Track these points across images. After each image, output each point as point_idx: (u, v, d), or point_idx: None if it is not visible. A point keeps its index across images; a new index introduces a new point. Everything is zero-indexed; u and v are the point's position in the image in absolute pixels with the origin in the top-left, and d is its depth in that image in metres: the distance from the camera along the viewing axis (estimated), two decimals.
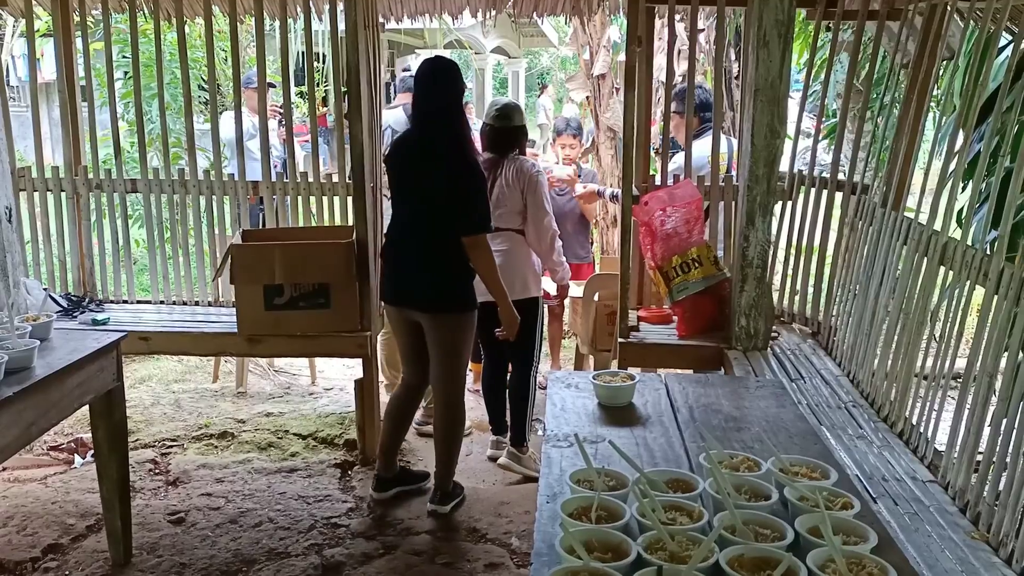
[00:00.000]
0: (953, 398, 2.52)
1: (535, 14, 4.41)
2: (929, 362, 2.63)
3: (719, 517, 1.50)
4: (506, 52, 17.91)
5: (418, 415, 4.29)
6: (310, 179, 4.07)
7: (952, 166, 2.76)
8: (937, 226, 2.73)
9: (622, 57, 6.38)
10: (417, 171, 3.13)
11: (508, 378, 3.90)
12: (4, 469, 3.66)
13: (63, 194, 4.18)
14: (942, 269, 2.66)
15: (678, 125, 4.07)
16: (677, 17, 3.93)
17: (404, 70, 4.18)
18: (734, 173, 3.80)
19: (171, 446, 4.00)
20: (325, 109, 8.60)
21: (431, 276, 3.14)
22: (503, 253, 3.53)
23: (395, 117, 4.80)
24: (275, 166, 4.42)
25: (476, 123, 5.34)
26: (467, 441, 4.15)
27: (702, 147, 3.93)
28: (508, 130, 3.70)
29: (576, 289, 4.52)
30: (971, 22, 3.00)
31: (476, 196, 3.08)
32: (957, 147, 2.76)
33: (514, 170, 3.64)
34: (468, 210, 3.06)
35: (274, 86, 5.08)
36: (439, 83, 3.11)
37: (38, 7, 4.24)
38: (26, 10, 4.12)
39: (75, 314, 3.95)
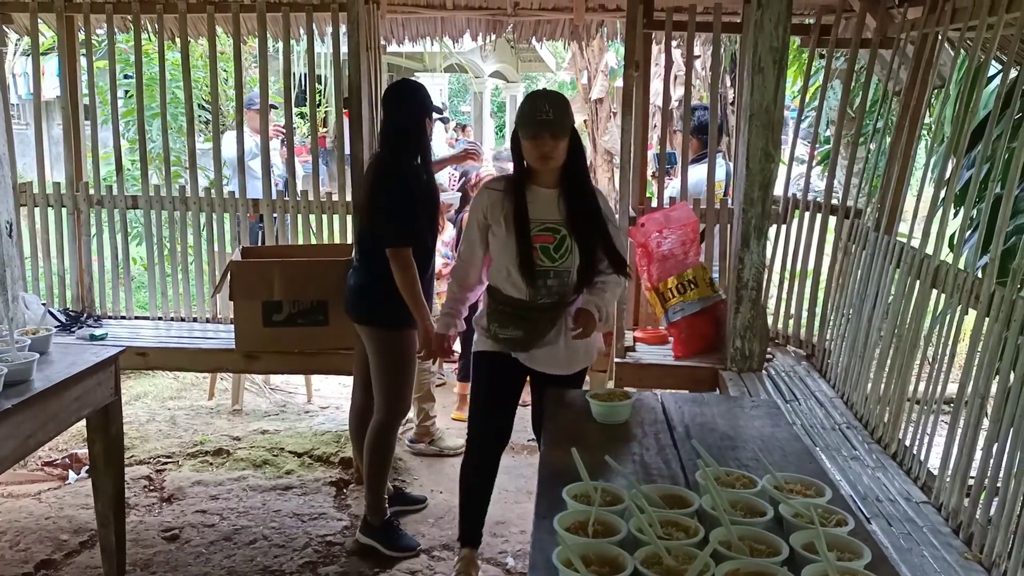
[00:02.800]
0: (946, 422, 2.54)
1: (534, 39, 4.48)
2: (922, 385, 2.66)
3: (715, 532, 1.52)
4: (504, 76, 18.07)
5: (409, 434, 4.30)
6: (310, 197, 4.10)
7: (943, 192, 2.81)
8: (929, 251, 2.77)
9: (619, 82, 6.48)
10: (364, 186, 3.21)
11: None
12: None
13: (64, 210, 4.21)
14: (934, 292, 2.70)
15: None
16: (674, 43, 4.00)
17: None
18: (730, 197, 3.85)
19: (166, 463, 3.99)
20: (325, 130, 8.67)
21: (360, 288, 3.13)
22: None
23: None
24: (276, 184, 4.45)
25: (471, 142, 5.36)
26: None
27: (699, 171, 3.98)
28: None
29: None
30: (961, 51, 3.07)
31: (394, 207, 2.98)
32: (948, 173, 2.81)
33: None
34: (385, 222, 3.00)
35: (275, 107, 5.13)
36: (404, 104, 3.11)
37: (43, 25, 4.28)
38: (31, 28, 4.17)
39: (73, 329, 3.96)
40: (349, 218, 3.94)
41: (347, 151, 3.91)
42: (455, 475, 3.83)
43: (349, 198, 3.94)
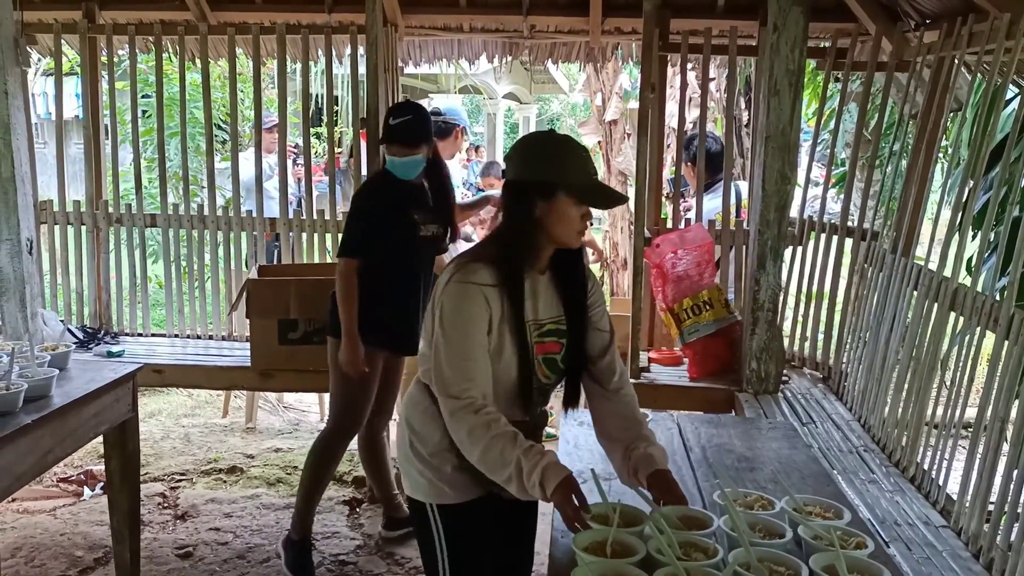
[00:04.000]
0: (964, 447, 2.52)
1: (550, 60, 4.51)
2: (940, 409, 2.64)
3: (734, 554, 1.51)
4: (517, 98, 18.16)
5: None
6: (327, 216, 4.13)
7: (961, 215, 2.81)
8: (947, 273, 2.76)
9: (632, 104, 6.51)
10: None
11: None
12: (13, 500, 3.66)
13: (83, 227, 4.25)
14: (952, 315, 2.68)
15: (688, 172, 4.12)
16: (689, 66, 4.02)
17: (432, 113, 4.18)
18: (744, 219, 3.85)
19: (180, 480, 4.00)
20: (340, 150, 8.73)
21: (331, 298, 3.14)
22: None
23: None
24: (292, 203, 4.49)
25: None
26: None
27: (714, 202, 3.96)
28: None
29: None
30: (979, 75, 3.07)
31: (349, 219, 3.12)
32: (965, 196, 2.80)
33: None
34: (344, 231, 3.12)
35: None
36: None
37: (65, 46, 4.35)
38: (55, 49, 4.24)
39: (91, 346, 3.99)
40: None
41: (364, 171, 3.94)
42: None
43: None
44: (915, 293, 2.96)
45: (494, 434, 1.70)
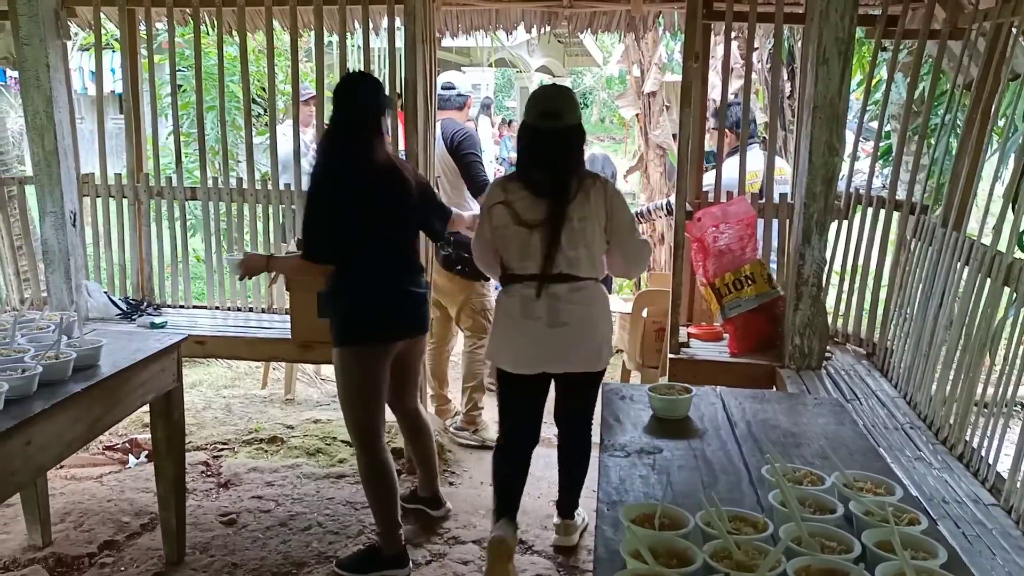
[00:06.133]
0: (1016, 424, 2.47)
1: (589, 30, 4.44)
2: (991, 387, 2.58)
3: (785, 528, 1.49)
4: (550, 71, 17.99)
5: (458, 420, 4.32)
6: None
7: (1016, 188, 2.72)
8: (1001, 247, 2.69)
9: (669, 76, 6.42)
10: None
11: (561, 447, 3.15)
12: (61, 467, 3.75)
13: (125, 200, 4.30)
14: (1006, 290, 2.61)
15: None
16: (732, 35, 3.94)
17: (444, 87, 4.21)
18: (783, 188, 3.76)
19: (222, 449, 4.07)
20: None
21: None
22: (583, 315, 2.82)
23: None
24: None
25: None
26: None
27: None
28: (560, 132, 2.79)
29: (624, 305, 4.52)
30: None
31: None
32: (1022, 170, 2.71)
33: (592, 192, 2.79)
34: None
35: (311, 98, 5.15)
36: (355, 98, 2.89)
37: (105, 20, 4.38)
38: (94, 22, 4.26)
39: (134, 317, 4.05)
40: None
41: (400, 146, 3.93)
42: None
43: None
44: (966, 268, 2.88)
45: None
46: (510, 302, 2.86)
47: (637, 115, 6.21)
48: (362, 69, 4.04)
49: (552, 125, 2.77)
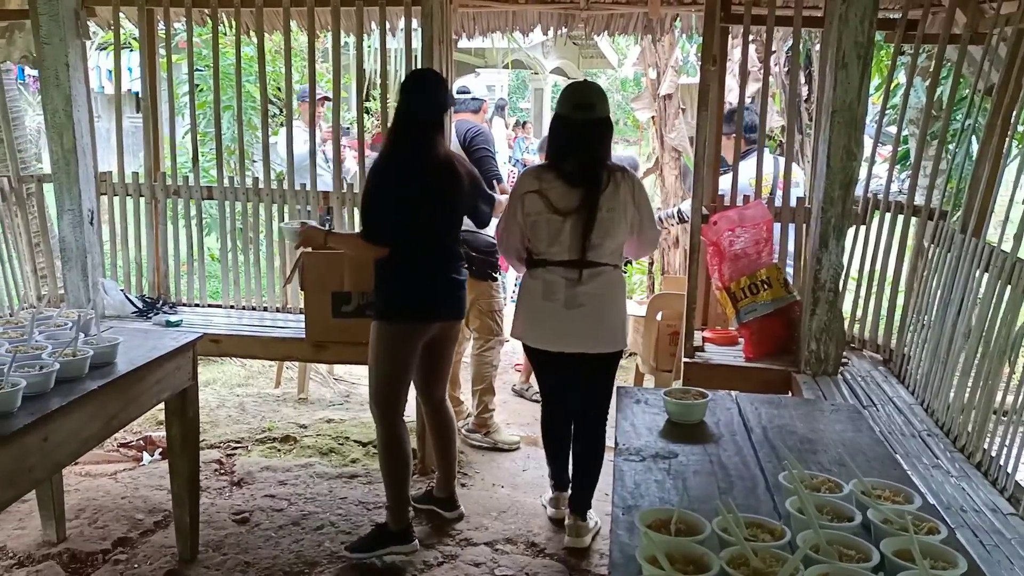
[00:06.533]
0: None
1: (606, 32, 4.43)
2: (1011, 396, 2.55)
3: (803, 536, 1.48)
4: (565, 73, 17.99)
5: (469, 422, 4.32)
6: None
7: None
8: (1021, 255, 2.66)
9: (684, 79, 6.39)
10: None
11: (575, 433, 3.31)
12: (76, 463, 3.77)
13: (142, 199, 4.32)
14: None
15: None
16: (750, 38, 3.92)
17: (460, 91, 4.25)
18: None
19: (236, 447, 4.08)
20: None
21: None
22: (600, 299, 3.01)
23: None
24: (346, 176, 4.51)
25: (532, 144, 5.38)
26: (522, 456, 4.15)
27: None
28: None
29: (638, 308, 4.50)
30: None
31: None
32: None
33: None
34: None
35: (328, 99, 5.17)
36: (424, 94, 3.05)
37: (124, 20, 4.40)
38: (114, 22, 4.28)
39: (150, 315, 4.07)
40: None
41: None
42: (515, 470, 3.84)
43: None
44: (985, 275, 2.86)
45: None
46: (534, 284, 3.05)
47: (652, 118, 6.19)
48: (378, 71, 4.06)
49: (586, 116, 2.94)
